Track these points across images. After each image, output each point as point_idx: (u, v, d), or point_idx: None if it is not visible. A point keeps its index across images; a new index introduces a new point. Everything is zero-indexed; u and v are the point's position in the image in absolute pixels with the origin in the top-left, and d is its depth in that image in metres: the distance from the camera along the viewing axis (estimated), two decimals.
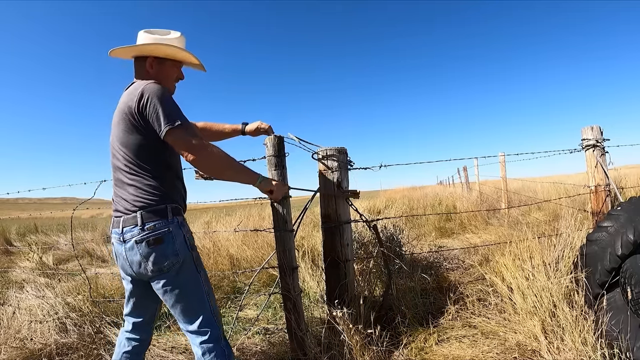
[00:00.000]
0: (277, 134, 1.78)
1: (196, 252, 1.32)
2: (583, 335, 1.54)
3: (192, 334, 1.29)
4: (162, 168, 1.27)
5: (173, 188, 1.30)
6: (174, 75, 1.42)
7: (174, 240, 1.23)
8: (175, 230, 1.24)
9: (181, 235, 1.26)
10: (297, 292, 1.79)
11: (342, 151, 1.89)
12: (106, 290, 3.05)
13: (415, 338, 1.97)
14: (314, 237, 3.86)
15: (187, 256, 1.26)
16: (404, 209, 7.39)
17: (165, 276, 1.23)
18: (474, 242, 4.56)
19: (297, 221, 1.90)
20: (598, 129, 2.32)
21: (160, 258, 1.21)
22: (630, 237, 1.57)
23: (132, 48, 1.33)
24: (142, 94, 1.20)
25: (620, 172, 5.24)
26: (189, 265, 1.27)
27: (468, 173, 10.16)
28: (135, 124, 1.22)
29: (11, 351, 2.03)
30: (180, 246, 1.24)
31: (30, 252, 5.01)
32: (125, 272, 1.33)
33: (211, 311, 1.30)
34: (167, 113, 1.19)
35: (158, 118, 1.18)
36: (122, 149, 1.25)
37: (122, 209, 1.26)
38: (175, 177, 1.33)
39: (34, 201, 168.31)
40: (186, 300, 1.26)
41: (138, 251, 1.21)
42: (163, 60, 1.37)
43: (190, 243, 1.29)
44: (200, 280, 1.29)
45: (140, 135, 1.22)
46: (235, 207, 7.40)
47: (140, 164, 1.24)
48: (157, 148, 1.25)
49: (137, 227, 1.21)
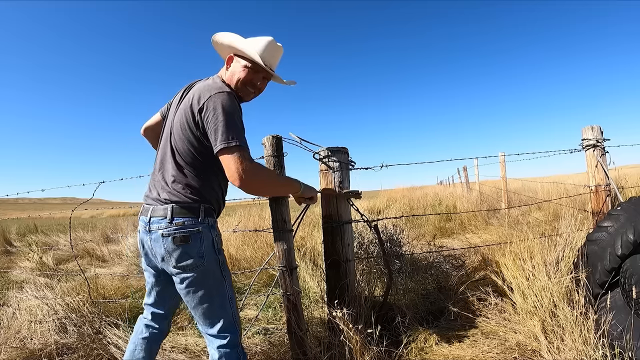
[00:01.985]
0: (277, 133, 1.77)
1: (223, 256, 1.30)
2: (583, 335, 1.54)
3: (210, 337, 1.27)
4: (207, 170, 1.25)
5: (212, 191, 1.28)
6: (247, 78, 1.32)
7: (202, 242, 1.20)
8: (205, 231, 1.21)
9: (210, 237, 1.23)
10: (297, 292, 1.79)
11: (343, 151, 1.89)
12: (106, 290, 3.05)
13: (415, 338, 1.97)
14: (314, 237, 3.85)
15: (213, 259, 1.23)
16: (404, 209, 7.39)
17: (188, 276, 1.20)
18: (474, 242, 4.56)
19: (296, 221, 1.90)
20: (598, 129, 2.32)
21: (185, 256, 1.18)
22: (630, 237, 1.57)
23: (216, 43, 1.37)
24: (211, 100, 1.15)
25: (620, 172, 5.23)
26: (214, 269, 1.24)
27: (468, 173, 10.16)
28: (193, 123, 1.19)
29: (11, 351, 2.03)
30: (208, 248, 1.22)
31: (30, 252, 5.01)
32: (148, 263, 1.32)
33: (232, 316, 1.28)
34: (226, 130, 1.13)
35: (216, 132, 1.13)
36: (176, 137, 1.23)
37: (154, 197, 1.24)
38: (217, 181, 1.30)
39: (34, 201, 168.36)
40: (209, 304, 1.24)
41: (163, 245, 1.18)
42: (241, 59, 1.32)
43: (218, 247, 1.26)
44: (224, 285, 1.27)
45: (196, 135, 1.20)
46: (236, 207, 7.39)
47: (189, 160, 1.22)
48: (208, 151, 1.21)
49: (165, 219, 1.18)
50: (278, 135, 1.77)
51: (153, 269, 1.33)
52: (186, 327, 2.38)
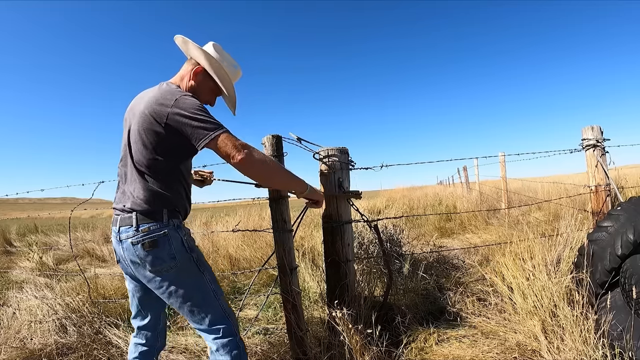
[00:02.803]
0: (277, 133, 1.77)
1: (197, 253, 1.30)
2: (583, 335, 1.54)
3: (204, 332, 1.29)
4: (169, 176, 1.25)
5: (175, 194, 1.27)
6: (208, 98, 1.41)
7: (171, 243, 1.21)
8: (172, 233, 1.22)
9: (178, 237, 1.24)
10: (297, 292, 1.79)
11: (344, 151, 1.89)
12: (106, 290, 3.05)
13: (415, 338, 1.97)
14: (314, 237, 3.85)
15: (186, 258, 1.24)
16: (404, 209, 7.39)
17: (165, 279, 1.22)
18: (474, 242, 4.56)
19: (296, 221, 1.90)
20: (598, 129, 2.32)
21: (157, 261, 1.19)
22: (630, 237, 1.57)
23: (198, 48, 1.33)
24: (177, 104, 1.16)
25: (620, 172, 5.23)
26: (189, 267, 1.25)
27: (468, 173, 10.16)
28: (157, 127, 1.18)
29: (11, 351, 2.03)
30: (178, 248, 1.22)
31: (30, 252, 5.01)
32: (125, 271, 1.33)
33: (221, 308, 1.29)
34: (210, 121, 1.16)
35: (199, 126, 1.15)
36: (134, 146, 1.23)
37: (120, 207, 1.25)
38: (179, 183, 1.30)
39: (33, 201, 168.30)
40: (192, 301, 1.25)
41: (135, 252, 1.20)
42: (208, 78, 1.36)
43: (189, 245, 1.27)
44: (204, 280, 1.28)
45: (159, 139, 1.19)
46: (236, 207, 7.39)
47: (152, 165, 1.22)
48: (171, 154, 1.23)
49: (132, 228, 1.20)
50: (278, 135, 1.77)
51: (130, 277, 1.35)
52: (186, 327, 2.38)
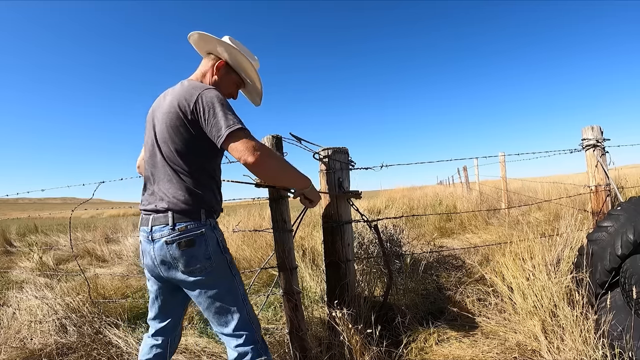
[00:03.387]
0: (278, 133, 1.77)
1: (230, 255, 1.29)
2: (583, 335, 1.54)
3: (227, 337, 1.26)
4: (203, 173, 1.24)
5: (209, 191, 1.26)
6: (231, 91, 1.42)
7: (207, 243, 1.20)
8: (208, 232, 1.21)
9: (215, 238, 1.23)
10: (297, 292, 1.79)
11: (344, 151, 1.89)
12: (106, 290, 3.05)
13: (415, 338, 1.97)
14: (314, 237, 3.85)
15: (221, 259, 1.23)
16: (404, 209, 7.39)
17: (198, 279, 1.20)
18: (474, 242, 4.56)
19: (296, 221, 1.90)
20: (598, 129, 2.32)
21: (192, 260, 1.17)
22: (630, 237, 1.57)
23: (215, 41, 1.32)
24: (202, 98, 1.16)
25: (620, 172, 5.23)
26: (223, 268, 1.24)
27: (468, 173, 10.16)
28: (185, 124, 1.18)
29: (11, 351, 2.03)
30: (214, 249, 1.21)
31: (30, 252, 5.02)
32: (151, 273, 1.30)
33: (247, 314, 1.27)
34: (228, 117, 1.14)
35: (217, 123, 1.13)
36: (164, 146, 1.22)
37: (152, 207, 1.23)
38: (213, 180, 1.29)
39: (34, 201, 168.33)
40: (221, 303, 1.23)
41: (168, 252, 1.18)
42: (232, 71, 1.38)
43: (223, 246, 1.26)
44: (235, 283, 1.26)
45: (190, 135, 1.19)
46: (236, 207, 7.39)
47: (184, 163, 1.21)
48: (201, 151, 1.22)
49: (167, 227, 1.17)
50: (278, 135, 1.77)
51: (156, 278, 1.31)
52: (186, 327, 2.38)
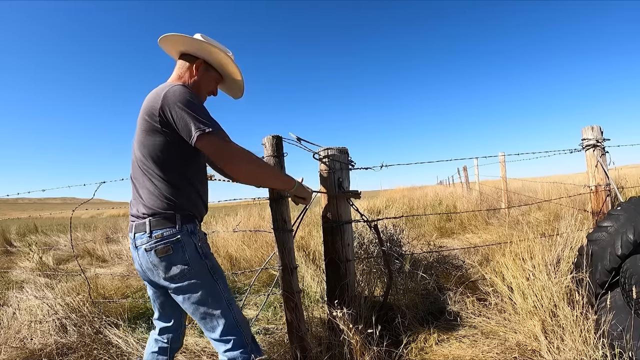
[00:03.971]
0: (278, 133, 1.78)
1: (212, 260, 1.26)
2: (583, 335, 1.54)
3: (215, 342, 1.26)
4: (179, 175, 1.22)
5: (187, 198, 1.23)
6: (211, 88, 1.38)
7: (184, 250, 1.19)
8: (185, 239, 1.19)
9: (192, 244, 1.20)
10: (297, 292, 1.79)
11: (343, 151, 1.89)
12: (106, 290, 3.05)
13: (415, 338, 1.97)
14: (314, 237, 3.86)
15: (199, 264, 1.21)
16: (404, 209, 7.39)
17: (179, 285, 1.20)
18: (474, 242, 4.56)
19: (296, 221, 1.90)
20: (598, 129, 2.32)
21: (170, 267, 1.17)
22: (630, 237, 1.57)
23: (191, 40, 1.27)
24: (167, 96, 1.13)
25: (620, 172, 5.23)
26: (203, 274, 1.22)
27: (468, 173, 10.16)
28: (156, 127, 1.15)
29: (11, 351, 2.03)
30: (192, 255, 1.19)
31: (30, 252, 5.01)
32: (143, 278, 1.31)
33: (233, 318, 1.25)
34: (198, 118, 1.12)
35: (187, 124, 1.11)
36: (140, 151, 1.21)
37: (134, 213, 1.24)
38: (190, 185, 1.25)
39: (34, 201, 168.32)
40: (205, 309, 1.22)
41: (148, 259, 1.18)
42: (211, 68, 1.34)
43: (203, 252, 1.23)
44: (218, 289, 1.24)
45: (161, 139, 1.17)
46: (236, 207, 7.39)
47: (156, 168, 1.19)
48: (176, 154, 1.19)
49: (145, 234, 1.18)
50: (278, 135, 1.77)
51: (149, 283, 1.33)
52: (186, 327, 2.38)
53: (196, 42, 1.27)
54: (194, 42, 1.27)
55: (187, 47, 1.31)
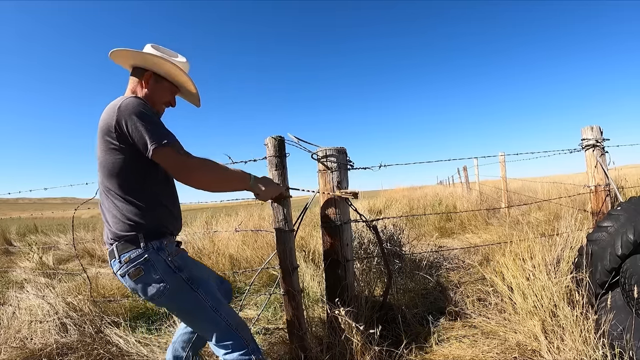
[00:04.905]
0: (279, 134, 1.78)
1: (187, 272, 1.24)
2: (584, 335, 1.54)
3: (214, 347, 1.27)
4: (140, 191, 1.19)
5: (151, 211, 1.21)
6: (166, 99, 1.36)
7: (156, 268, 1.17)
8: (153, 257, 1.17)
9: (161, 260, 1.18)
10: (297, 292, 1.79)
11: (342, 151, 1.89)
12: (106, 290, 3.05)
13: (415, 338, 1.97)
14: (314, 237, 3.86)
15: (174, 279, 1.19)
16: (404, 209, 7.39)
17: (162, 303, 1.22)
18: (474, 242, 4.56)
19: (297, 221, 1.90)
20: (598, 129, 2.32)
21: (147, 288, 1.17)
22: (630, 237, 1.57)
23: (136, 53, 1.26)
24: (122, 109, 1.12)
25: (620, 172, 5.23)
26: (180, 287, 1.21)
27: (468, 173, 10.15)
28: (114, 144, 1.13)
29: (11, 351, 2.03)
30: (164, 272, 1.18)
31: (30, 252, 5.02)
32: None
33: (225, 323, 1.25)
34: (153, 130, 1.11)
35: (142, 136, 1.10)
36: (102, 172, 1.19)
37: (105, 240, 1.24)
38: (154, 199, 1.23)
39: (34, 201, 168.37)
40: (194, 319, 1.25)
41: (127, 284, 1.19)
42: (161, 79, 1.32)
43: (175, 265, 1.21)
44: (199, 298, 1.23)
45: (119, 156, 1.15)
46: (236, 207, 7.39)
47: (117, 188, 1.17)
48: (135, 169, 1.17)
49: (116, 260, 1.17)
50: (280, 136, 1.77)
51: None
52: None
53: (140, 55, 1.26)
54: (139, 55, 1.26)
55: (135, 61, 1.30)
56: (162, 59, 1.26)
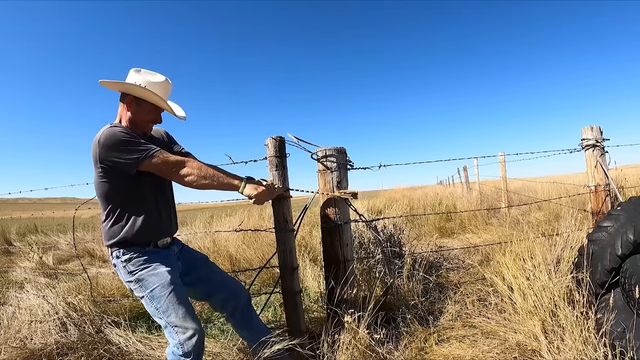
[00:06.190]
0: (280, 135, 1.78)
1: (140, 273, 1.41)
2: (584, 334, 1.54)
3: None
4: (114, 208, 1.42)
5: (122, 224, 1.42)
6: (149, 118, 1.51)
7: (120, 271, 1.46)
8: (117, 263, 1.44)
9: (121, 265, 1.43)
10: (297, 292, 1.79)
11: (341, 151, 1.89)
12: (106, 290, 3.05)
13: (415, 338, 1.97)
14: (314, 237, 3.85)
15: (131, 281, 1.43)
16: (404, 209, 7.38)
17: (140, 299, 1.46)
18: (474, 242, 4.56)
19: (297, 221, 1.90)
20: (598, 129, 2.32)
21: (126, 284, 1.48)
22: (630, 237, 1.57)
23: (115, 84, 1.46)
24: (101, 144, 1.33)
25: (620, 172, 5.23)
26: (136, 288, 1.43)
27: (468, 173, 10.15)
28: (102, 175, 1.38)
29: (11, 351, 2.03)
30: (124, 275, 1.44)
31: (31, 252, 5.01)
32: None
33: (170, 324, 1.39)
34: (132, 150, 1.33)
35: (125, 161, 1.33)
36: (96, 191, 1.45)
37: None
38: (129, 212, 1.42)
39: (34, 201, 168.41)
40: (153, 315, 1.44)
41: None
42: (142, 101, 1.47)
43: (130, 269, 1.42)
44: (147, 300, 1.41)
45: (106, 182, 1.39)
46: (236, 207, 7.39)
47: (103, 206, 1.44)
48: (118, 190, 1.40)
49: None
50: (281, 136, 1.77)
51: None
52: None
53: (118, 84, 1.46)
54: (116, 84, 1.46)
55: (117, 89, 1.50)
56: (134, 85, 1.43)
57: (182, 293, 1.45)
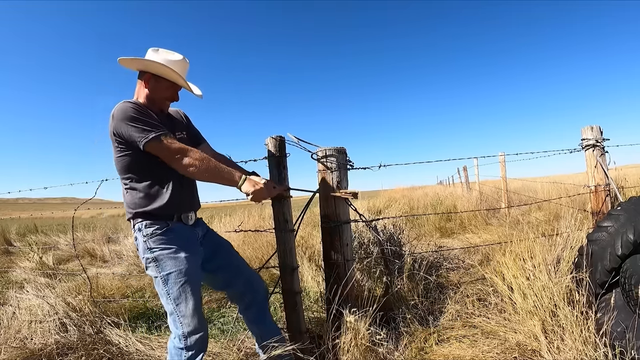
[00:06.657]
0: (280, 134, 1.78)
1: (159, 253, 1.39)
2: (584, 334, 1.54)
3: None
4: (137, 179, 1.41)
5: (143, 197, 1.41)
6: (166, 95, 1.51)
7: (138, 244, 1.43)
8: (137, 235, 1.42)
9: (141, 239, 1.41)
10: (297, 292, 1.79)
11: (341, 151, 1.89)
12: (106, 290, 3.05)
13: (415, 338, 1.97)
14: (314, 237, 3.85)
15: (147, 257, 1.39)
16: (404, 209, 7.38)
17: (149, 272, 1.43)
18: (474, 242, 4.56)
19: (297, 221, 1.90)
20: (598, 129, 2.32)
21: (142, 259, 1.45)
22: (630, 237, 1.57)
23: (134, 60, 1.46)
24: (114, 117, 1.34)
25: (620, 172, 5.23)
26: (151, 266, 1.40)
27: (468, 173, 10.15)
28: (118, 147, 1.38)
29: (11, 351, 2.03)
30: (142, 249, 1.41)
31: (30, 252, 5.01)
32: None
33: (177, 313, 1.37)
34: (141, 128, 1.32)
35: (132, 136, 1.32)
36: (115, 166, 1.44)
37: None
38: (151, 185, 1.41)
39: (34, 201, 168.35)
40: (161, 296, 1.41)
41: None
42: (160, 78, 1.48)
43: (149, 246, 1.39)
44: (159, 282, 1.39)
45: (123, 155, 1.38)
46: (236, 207, 7.39)
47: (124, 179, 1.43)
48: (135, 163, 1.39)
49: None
50: (281, 136, 1.77)
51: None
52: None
53: (137, 61, 1.46)
54: (135, 61, 1.46)
55: (135, 66, 1.50)
56: (153, 62, 1.43)
57: (197, 285, 1.43)
